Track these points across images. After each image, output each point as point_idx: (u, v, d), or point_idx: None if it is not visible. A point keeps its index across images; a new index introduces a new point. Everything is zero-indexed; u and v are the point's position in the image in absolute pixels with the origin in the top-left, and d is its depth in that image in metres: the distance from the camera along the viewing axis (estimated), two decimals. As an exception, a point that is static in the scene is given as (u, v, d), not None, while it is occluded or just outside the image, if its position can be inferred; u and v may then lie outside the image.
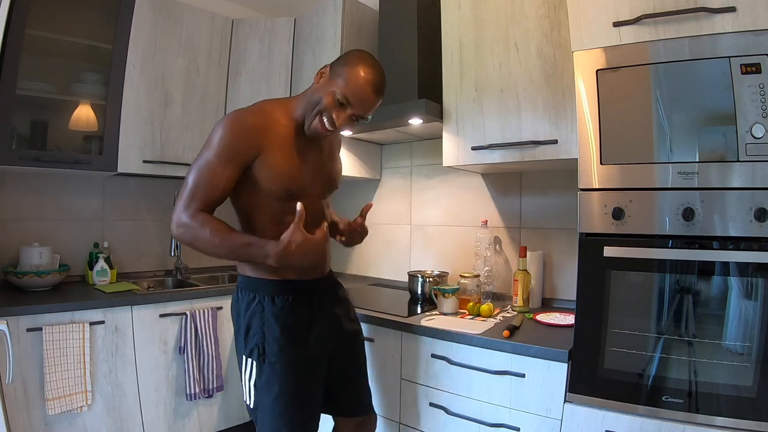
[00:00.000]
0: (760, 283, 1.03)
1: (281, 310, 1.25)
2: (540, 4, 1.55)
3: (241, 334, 1.26)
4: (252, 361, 1.23)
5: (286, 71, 2.46)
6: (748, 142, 1.03)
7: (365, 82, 1.16)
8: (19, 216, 2.11)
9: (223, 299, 2.20)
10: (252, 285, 1.29)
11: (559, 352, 1.26)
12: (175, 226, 1.16)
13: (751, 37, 1.04)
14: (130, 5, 2.07)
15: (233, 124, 1.17)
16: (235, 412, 2.27)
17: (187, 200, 1.15)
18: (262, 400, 1.23)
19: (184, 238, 1.16)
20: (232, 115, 1.19)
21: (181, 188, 1.18)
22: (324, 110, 1.18)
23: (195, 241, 1.15)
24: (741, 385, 1.04)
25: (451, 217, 2.23)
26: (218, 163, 1.15)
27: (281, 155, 1.21)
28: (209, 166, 1.16)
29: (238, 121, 1.17)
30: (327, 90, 1.18)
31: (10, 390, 1.59)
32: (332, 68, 1.21)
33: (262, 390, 1.23)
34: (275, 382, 1.22)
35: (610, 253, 1.18)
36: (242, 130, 1.16)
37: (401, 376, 1.61)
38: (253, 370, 1.23)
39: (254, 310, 1.25)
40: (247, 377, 1.25)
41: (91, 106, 2.09)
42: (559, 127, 1.50)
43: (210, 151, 1.16)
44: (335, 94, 1.16)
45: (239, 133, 1.16)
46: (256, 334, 1.24)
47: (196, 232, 1.14)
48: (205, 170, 1.16)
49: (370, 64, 1.19)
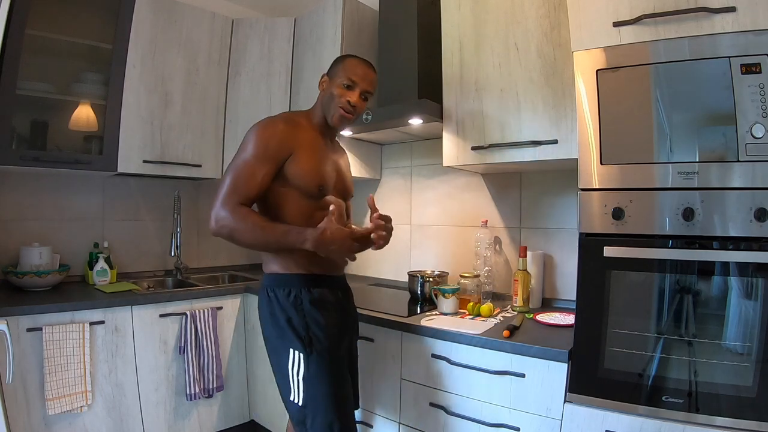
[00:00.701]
0: (760, 283, 1.03)
1: (318, 300, 1.33)
2: (540, 4, 1.55)
3: (282, 329, 1.29)
4: (299, 354, 1.26)
5: (286, 71, 2.47)
6: (748, 142, 1.03)
7: (357, 63, 1.40)
8: (19, 216, 2.11)
9: (223, 299, 2.20)
10: (284, 281, 1.33)
11: (559, 352, 1.26)
12: (215, 221, 1.22)
13: (751, 37, 1.04)
14: (130, 5, 2.07)
15: (266, 127, 1.30)
16: (235, 412, 2.27)
17: (226, 196, 1.23)
18: (313, 393, 1.25)
19: (223, 232, 1.22)
20: (263, 121, 1.33)
21: (217, 189, 1.26)
22: (339, 99, 1.36)
23: (236, 233, 1.22)
24: (741, 385, 1.04)
25: (451, 217, 2.23)
26: (255, 162, 1.26)
27: (311, 154, 1.34)
28: (246, 165, 1.26)
29: (270, 125, 1.31)
30: (333, 86, 1.38)
31: (10, 390, 1.59)
32: (329, 73, 1.42)
33: (312, 382, 1.25)
34: (325, 372, 1.26)
35: (610, 253, 1.18)
36: (275, 132, 1.29)
37: (401, 376, 1.61)
38: (301, 364, 1.26)
39: (293, 303, 1.30)
40: (295, 372, 1.26)
41: (91, 106, 2.09)
42: (559, 127, 1.50)
43: (246, 152, 1.27)
44: (341, 83, 1.37)
45: (273, 135, 1.29)
46: (299, 325, 1.28)
47: (237, 224, 1.21)
48: (243, 168, 1.25)
49: (354, 55, 1.44)
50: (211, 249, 2.80)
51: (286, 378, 1.28)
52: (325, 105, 1.40)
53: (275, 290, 1.32)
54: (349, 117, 1.38)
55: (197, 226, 2.73)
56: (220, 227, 1.22)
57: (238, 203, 1.23)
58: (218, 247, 2.84)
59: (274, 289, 1.33)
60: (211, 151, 2.45)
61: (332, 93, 1.37)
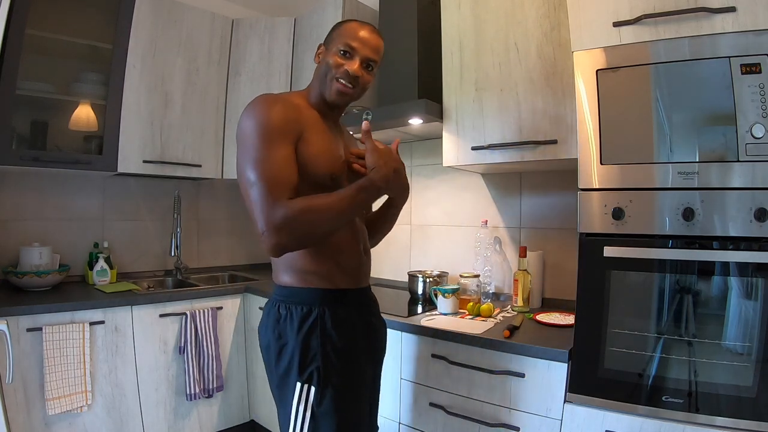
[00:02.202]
0: (760, 283, 1.03)
1: (344, 321, 1.13)
2: (540, 4, 1.55)
3: (294, 357, 1.08)
4: (309, 388, 1.07)
5: (286, 71, 2.47)
6: (748, 142, 1.03)
7: (357, 26, 1.17)
8: (19, 216, 2.11)
9: (223, 299, 2.20)
10: (304, 297, 1.11)
11: (559, 352, 1.25)
12: (275, 230, 0.96)
13: (751, 37, 1.04)
14: (130, 5, 2.07)
15: (266, 108, 1.05)
16: (235, 412, 2.27)
17: (270, 199, 0.98)
18: (322, 429, 1.07)
19: (296, 234, 0.99)
20: (256, 103, 1.07)
21: (249, 199, 1.01)
22: (335, 69, 1.14)
23: (311, 227, 1.00)
24: (741, 385, 1.04)
25: (451, 217, 2.23)
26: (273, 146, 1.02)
27: (320, 137, 1.13)
28: (267, 154, 1.01)
29: (269, 104, 1.06)
30: (329, 55, 1.15)
31: (10, 390, 1.59)
32: (325, 41, 1.20)
33: (322, 422, 1.07)
34: (340, 410, 1.08)
35: (610, 253, 1.18)
36: (278, 111, 1.05)
37: (401, 376, 1.61)
38: (310, 399, 1.07)
39: (311, 325, 1.09)
40: (302, 408, 1.06)
41: (91, 106, 2.10)
42: (559, 127, 1.50)
43: (255, 142, 1.02)
44: (337, 50, 1.14)
45: (277, 114, 1.05)
46: (316, 355, 1.08)
47: (306, 217, 0.98)
48: (265, 160, 1.00)
49: (355, 19, 1.21)
50: (211, 249, 2.80)
51: (287, 412, 1.09)
52: (321, 78, 1.16)
53: (290, 307, 1.10)
54: (348, 90, 1.14)
55: (197, 226, 2.74)
56: (288, 234, 0.98)
57: (287, 199, 0.99)
58: (218, 247, 2.84)
59: (288, 306, 1.11)
60: (211, 151, 2.45)
61: (328, 63, 1.14)
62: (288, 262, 1.12)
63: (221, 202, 2.85)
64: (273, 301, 1.15)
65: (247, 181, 1.01)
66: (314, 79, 1.20)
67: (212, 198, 2.81)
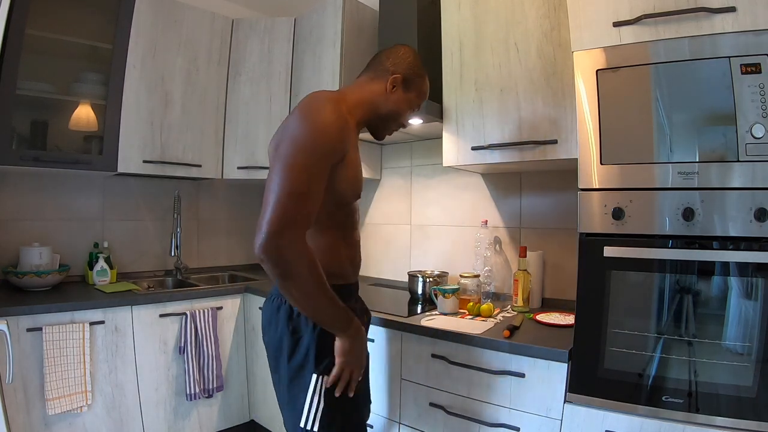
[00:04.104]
0: (760, 283, 1.03)
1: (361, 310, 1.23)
2: (540, 4, 1.55)
3: (310, 350, 1.11)
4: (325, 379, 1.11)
5: (286, 71, 2.46)
6: (748, 142, 1.03)
7: (428, 89, 1.33)
8: (19, 216, 2.11)
9: (223, 299, 2.20)
10: None
11: (559, 352, 1.25)
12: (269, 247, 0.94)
13: (751, 37, 1.04)
14: (130, 5, 2.07)
15: (326, 121, 1.03)
16: (235, 412, 2.27)
17: (288, 218, 0.95)
18: (333, 421, 1.11)
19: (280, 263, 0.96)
20: (319, 108, 1.05)
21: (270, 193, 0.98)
22: (404, 119, 1.28)
23: (293, 275, 0.98)
24: (741, 385, 1.04)
25: (451, 217, 2.23)
26: (314, 171, 1.00)
27: (356, 160, 1.15)
28: (306, 175, 0.98)
29: (330, 117, 1.04)
30: (404, 103, 1.25)
31: (10, 390, 1.59)
32: (405, 80, 1.23)
33: (335, 409, 1.11)
34: (351, 398, 1.13)
35: (610, 253, 1.18)
36: (335, 130, 1.04)
37: (401, 376, 1.61)
38: (325, 389, 1.11)
39: None
40: (317, 398, 1.10)
41: (91, 106, 2.09)
42: (559, 128, 1.50)
43: (303, 153, 0.99)
44: (413, 106, 1.28)
45: (332, 133, 1.03)
46: (328, 344, 1.11)
47: (298, 268, 0.98)
48: (302, 180, 0.98)
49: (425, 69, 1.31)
50: (211, 249, 2.81)
51: (300, 402, 1.11)
52: (383, 110, 1.22)
53: None
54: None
55: (197, 226, 2.74)
56: (283, 257, 0.96)
57: (302, 235, 0.98)
58: (218, 247, 2.84)
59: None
60: (211, 151, 2.45)
61: (400, 108, 1.23)
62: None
63: (221, 202, 2.86)
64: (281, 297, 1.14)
65: (278, 174, 0.98)
66: (370, 101, 1.22)
67: (212, 198, 2.81)
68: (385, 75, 1.23)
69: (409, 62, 1.26)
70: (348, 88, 1.27)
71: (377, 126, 1.27)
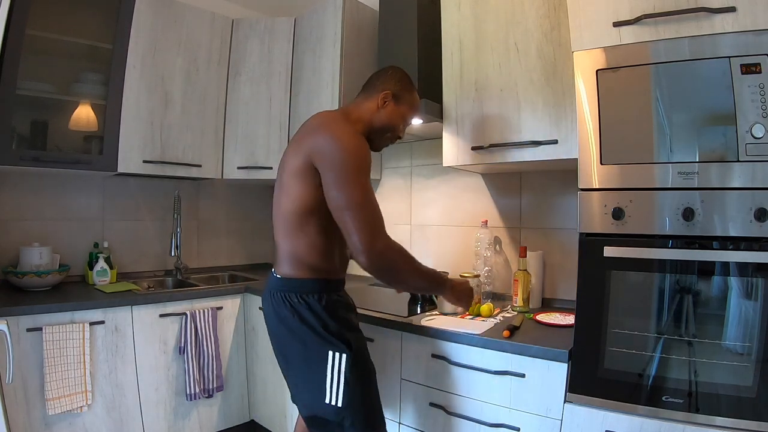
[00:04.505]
0: (760, 283, 1.03)
1: (345, 304, 1.37)
2: (540, 4, 1.55)
3: (318, 334, 1.26)
4: (341, 355, 1.24)
5: (286, 71, 2.47)
6: (748, 142, 1.03)
7: (419, 103, 1.48)
8: (19, 216, 2.11)
9: (223, 299, 2.20)
10: (314, 286, 1.31)
11: (559, 352, 1.26)
12: (379, 252, 1.19)
13: (751, 37, 1.04)
14: (130, 5, 2.07)
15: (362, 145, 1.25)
16: (235, 412, 2.27)
17: (379, 228, 1.21)
18: (357, 393, 1.26)
19: (384, 265, 1.22)
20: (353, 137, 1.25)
21: (356, 216, 1.18)
22: (398, 131, 1.42)
23: (398, 268, 1.25)
24: (741, 385, 1.04)
25: (451, 217, 2.23)
26: (367, 183, 1.23)
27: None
28: (367, 188, 1.22)
29: (362, 141, 1.27)
30: (397, 116, 1.40)
31: (10, 390, 1.59)
32: (394, 95, 1.39)
33: (357, 382, 1.26)
34: (367, 372, 1.31)
35: (610, 253, 1.18)
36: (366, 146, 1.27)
37: (401, 376, 1.61)
38: (343, 365, 1.24)
39: (326, 308, 1.28)
40: (336, 374, 1.24)
41: (91, 106, 2.09)
42: (559, 127, 1.50)
43: (360, 172, 1.22)
44: (405, 118, 1.43)
45: (368, 154, 1.26)
46: (337, 329, 1.27)
47: (400, 259, 1.25)
48: (372, 198, 1.23)
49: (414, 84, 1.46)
50: (211, 249, 2.81)
51: (322, 382, 1.25)
52: (377, 124, 1.38)
53: (304, 296, 1.28)
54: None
55: (197, 226, 2.74)
56: (387, 260, 1.22)
57: (387, 236, 1.23)
58: (218, 247, 2.84)
59: (301, 295, 1.29)
60: (211, 151, 2.45)
61: (393, 121, 1.38)
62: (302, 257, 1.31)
63: (221, 202, 2.86)
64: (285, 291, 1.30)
65: (350, 199, 1.19)
66: (368, 117, 1.38)
67: (212, 198, 2.81)
68: (377, 93, 1.39)
69: (397, 78, 1.41)
70: (347, 108, 1.43)
71: (373, 139, 1.40)
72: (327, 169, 1.21)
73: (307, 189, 1.25)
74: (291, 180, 1.28)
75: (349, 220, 1.19)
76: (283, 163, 1.35)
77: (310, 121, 1.37)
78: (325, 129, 1.26)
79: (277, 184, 1.37)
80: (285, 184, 1.31)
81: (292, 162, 1.28)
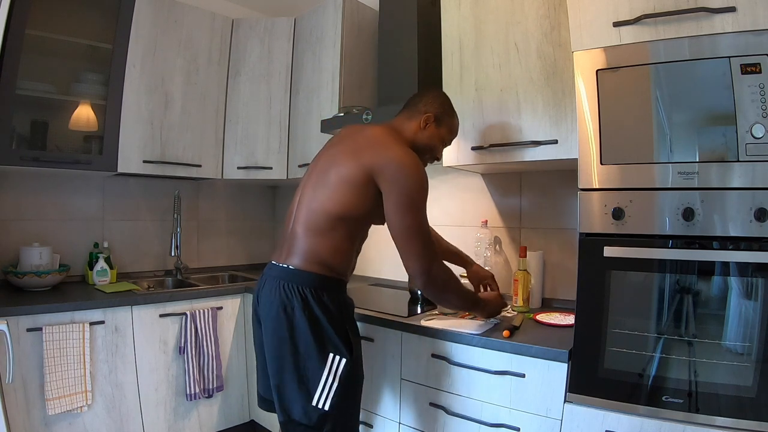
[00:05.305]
0: (760, 283, 1.03)
1: (351, 305, 1.40)
2: (540, 4, 1.55)
3: (324, 333, 1.26)
4: (340, 359, 1.26)
5: (286, 71, 2.47)
6: (748, 142, 1.03)
7: (457, 127, 1.54)
8: (19, 216, 2.11)
9: (223, 299, 2.20)
10: (331, 285, 1.32)
11: (559, 352, 1.25)
12: (433, 274, 1.28)
13: (751, 37, 1.04)
14: (130, 5, 2.07)
15: (419, 165, 1.30)
16: (235, 412, 2.27)
17: (433, 252, 1.29)
18: (345, 401, 1.26)
19: (437, 285, 1.31)
20: (411, 155, 1.30)
21: (413, 238, 1.26)
22: (436, 152, 1.48)
23: (448, 289, 1.35)
24: (741, 385, 1.04)
25: (451, 217, 2.23)
26: (425, 210, 1.31)
27: None
28: (425, 216, 1.30)
29: (418, 161, 1.31)
30: (436, 138, 1.45)
31: (10, 390, 1.59)
32: (436, 118, 1.44)
33: (347, 390, 1.27)
34: (360, 378, 1.33)
35: (610, 253, 1.18)
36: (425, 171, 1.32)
37: (401, 376, 1.61)
38: (340, 369, 1.25)
39: (338, 308, 1.30)
40: (332, 378, 1.24)
41: (91, 106, 2.10)
42: (559, 127, 1.50)
43: (423, 200, 1.29)
44: (444, 141, 1.48)
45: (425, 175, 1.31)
46: (343, 331, 1.29)
47: (449, 281, 1.34)
48: (426, 221, 1.30)
49: (455, 109, 1.52)
50: (211, 249, 2.81)
51: (315, 381, 1.24)
52: (419, 144, 1.41)
53: (320, 293, 1.27)
54: None
55: (197, 226, 2.74)
56: (441, 282, 1.31)
57: (440, 259, 1.33)
58: (218, 247, 2.84)
59: (317, 291, 1.27)
60: (211, 151, 2.45)
61: (433, 143, 1.43)
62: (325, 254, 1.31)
63: (221, 202, 2.86)
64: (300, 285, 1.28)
65: (412, 225, 1.26)
66: (411, 137, 1.42)
67: (212, 198, 2.81)
68: (419, 114, 1.43)
69: (440, 102, 1.46)
70: (393, 125, 1.45)
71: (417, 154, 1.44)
72: (392, 192, 1.26)
73: (359, 199, 1.28)
74: (342, 185, 1.28)
75: (409, 244, 1.26)
76: (327, 163, 1.34)
77: (364, 132, 1.39)
78: (388, 149, 1.29)
79: (314, 180, 1.35)
80: (332, 185, 1.30)
81: (346, 168, 1.29)
